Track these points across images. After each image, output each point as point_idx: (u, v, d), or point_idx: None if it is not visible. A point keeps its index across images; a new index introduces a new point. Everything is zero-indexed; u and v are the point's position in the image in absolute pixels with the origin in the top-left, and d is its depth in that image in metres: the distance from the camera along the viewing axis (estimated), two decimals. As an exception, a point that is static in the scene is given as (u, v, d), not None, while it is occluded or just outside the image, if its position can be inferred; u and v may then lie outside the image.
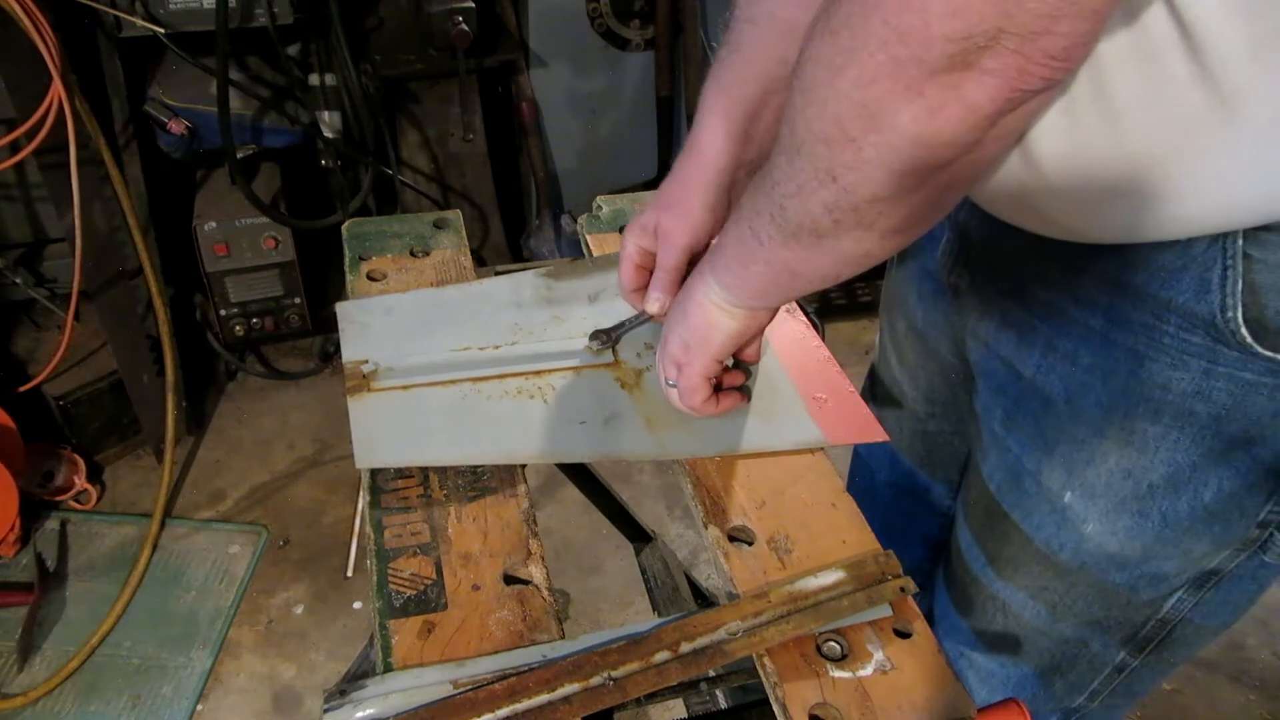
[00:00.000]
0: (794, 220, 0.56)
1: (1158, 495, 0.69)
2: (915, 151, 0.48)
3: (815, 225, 0.55)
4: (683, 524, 2.05)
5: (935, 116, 0.46)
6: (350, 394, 0.78)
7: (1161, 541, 0.71)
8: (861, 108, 0.48)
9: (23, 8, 1.42)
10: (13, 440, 1.78)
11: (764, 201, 0.59)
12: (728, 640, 0.61)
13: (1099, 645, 0.82)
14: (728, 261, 0.66)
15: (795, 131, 0.53)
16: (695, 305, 0.70)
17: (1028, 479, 0.77)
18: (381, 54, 2.04)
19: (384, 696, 0.57)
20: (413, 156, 2.27)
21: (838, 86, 0.48)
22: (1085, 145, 0.57)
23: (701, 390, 0.73)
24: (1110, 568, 0.75)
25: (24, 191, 1.91)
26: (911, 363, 0.98)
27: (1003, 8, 0.42)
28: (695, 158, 0.74)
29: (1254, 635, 1.87)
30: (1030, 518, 0.78)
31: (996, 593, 0.85)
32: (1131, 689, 0.86)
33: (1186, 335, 0.62)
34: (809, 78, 0.50)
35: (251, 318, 2.13)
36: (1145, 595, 0.76)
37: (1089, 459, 0.71)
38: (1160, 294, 0.62)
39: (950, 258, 0.81)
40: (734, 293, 0.67)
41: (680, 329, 0.72)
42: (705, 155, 0.73)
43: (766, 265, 0.62)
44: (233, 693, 1.72)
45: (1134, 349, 0.65)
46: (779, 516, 0.72)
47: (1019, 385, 0.75)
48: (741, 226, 0.63)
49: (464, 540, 0.69)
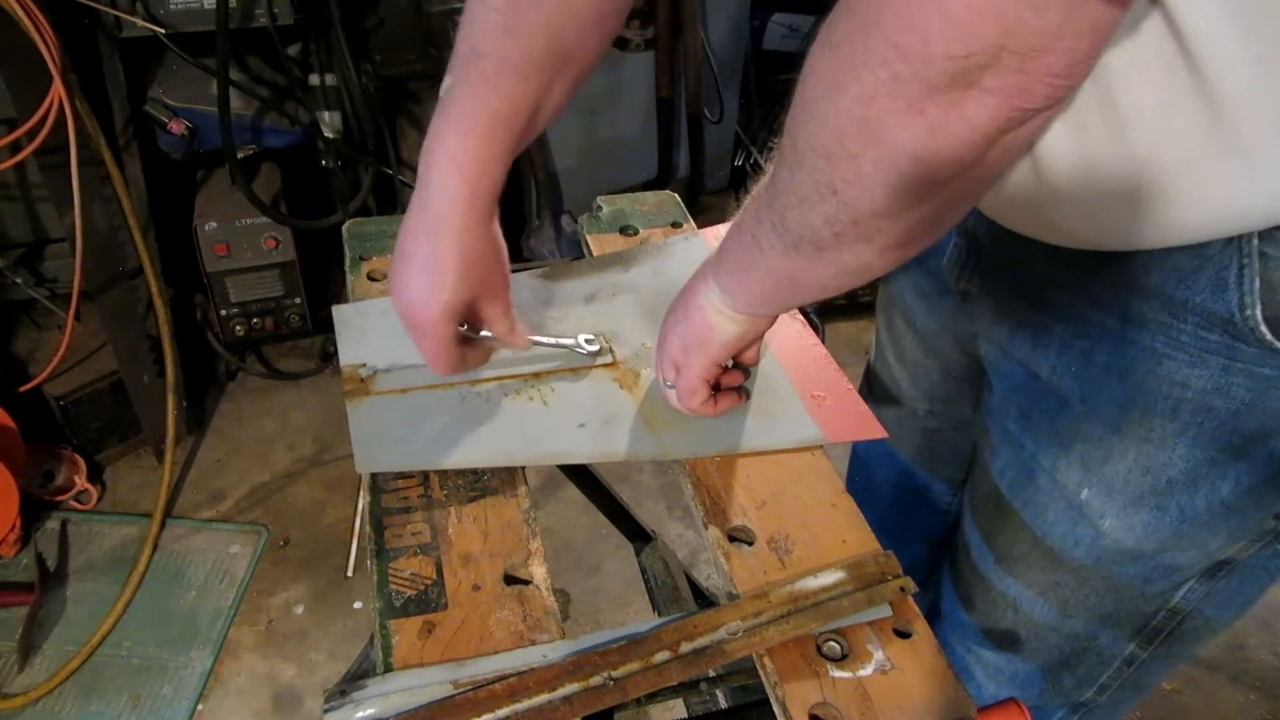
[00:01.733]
0: (795, 231, 0.56)
1: (1176, 490, 0.69)
2: (916, 169, 0.48)
3: (816, 237, 0.55)
4: (683, 524, 2.05)
5: (936, 134, 0.46)
6: (348, 398, 0.78)
7: (1178, 536, 0.71)
8: (862, 124, 0.47)
9: (23, 8, 1.42)
10: (13, 440, 1.78)
11: (765, 210, 0.59)
12: (728, 640, 0.61)
13: (1108, 639, 0.82)
14: (729, 266, 0.66)
15: (796, 145, 0.53)
16: (695, 309, 0.70)
17: (1042, 476, 0.77)
18: (381, 54, 2.04)
19: (384, 696, 0.58)
20: (413, 156, 2.27)
21: (838, 102, 0.48)
22: (1094, 156, 0.57)
23: (700, 392, 0.73)
24: (1125, 562, 0.75)
25: (24, 191, 1.91)
26: (911, 360, 0.98)
27: (1004, 26, 0.41)
28: (477, 200, 0.68)
29: (1254, 635, 1.87)
30: (1044, 515, 0.78)
31: (1005, 590, 0.85)
32: (1139, 682, 0.86)
33: (1204, 333, 0.62)
34: (810, 92, 0.50)
35: (252, 318, 2.13)
36: (1157, 587, 0.76)
37: (1107, 456, 0.71)
38: (1176, 294, 0.62)
39: (959, 264, 0.81)
40: (735, 298, 0.67)
41: (680, 331, 0.72)
42: (488, 196, 0.68)
43: (768, 273, 0.62)
44: (233, 693, 1.72)
45: (1151, 347, 0.65)
46: (779, 516, 0.72)
47: (1035, 385, 0.75)
48: (743, 233, 0.63)
49: (464, 540, 0.69)
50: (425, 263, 0.67)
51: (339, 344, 0.84)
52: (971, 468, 0.95)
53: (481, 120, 0.67)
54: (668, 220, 1.05)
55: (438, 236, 0.67)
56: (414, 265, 0.67)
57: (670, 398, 0.76)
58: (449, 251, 0.66)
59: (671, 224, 1.04)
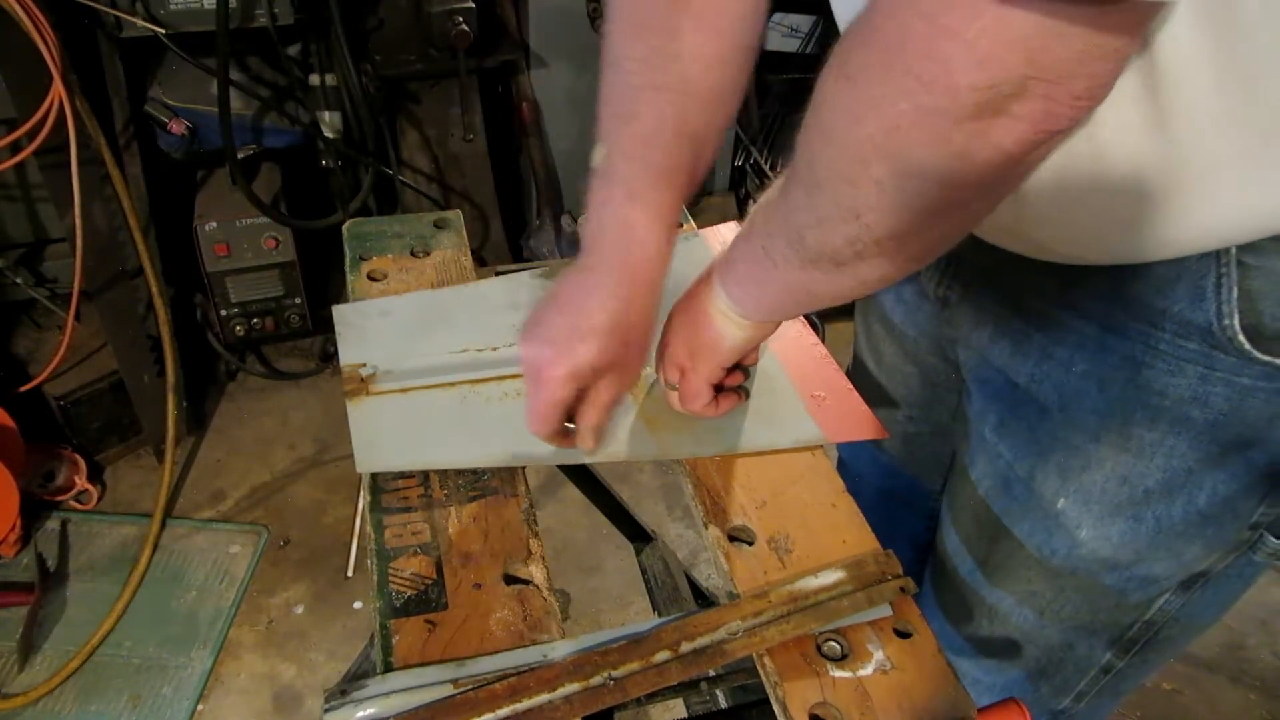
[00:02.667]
0: (814, 249, 0.56)
1: (1153, 500, 0.69)
2: (942, 192, 0.48)
3: (836, 255, 0.55)
4: (683, 524, 2.05)
5: (964, 160, 0.46)
6: (349, 398, 0.78)
7: (1154, 545, 0.71)
8: (886, 153, 0.47)
9: (23, 8, 1.42)
10: (13, 440, 1.78)
11: (779, 226, 0.58)
12: (728, 640, 0.61)
13: (1085, 648, 0.82)
14: (739, 278, 0.65)
15: (815, 170, 0.52)
16: (702, 314, 0.69)
17: (1018, 485, 0.77)
18: (381, 54, 2.04)
19: (385, 696, 0.58)
20: (413, 156, 2.27)
21: (860, 132, 0.48)
22: (1074, 177, 0.57)
23: (704, 395, 0.73)
24: (1102, 571, 0.75)
25: (24, 191, 1.91)
26: (890, 364, 0.98)
27: (1028, 56, 0.41)
28: (644, 270, 0.66)
29: (1254, 635, 1.87)
30: (1021, 523, 0.78)
31: (985, 598, 0.85)
32: (1117, 688, 0.86)
33: (1183, 342, 0.62)
34: (827, 121, 0.50)
35: (252, 318, 2.13)
36: (1135, 598, 0.76)
37: (1084, 465, 0.71)
38: (1155, 303, 0.62)
39: (939, 272, 0.81)
40: (745, 307, 0.67)
41: (685, 335, 0.71)
42: (654, 269, 0.67)
43: (784, 286, 0.62)
44: (233, 693, 1.72)
45: (1130, 356, 0.65)
46: (779, 516, 0.72)
47: (1014, 393, 0.75)
48: (753, 245, 0.62)
49: (464, 540, 0.69)
50: (573, 315, 0.64)
51: (339, 343, 0.84)
52: (950, 473, 0.94)
53: (648, 188, 0.66)
54: (668, 220, 1.05)
55: (591, 294, 0.64)
56: (565, 313, 0.65)
57: (672, 399, 0.76)
58: (598, 313, 0.64)
59: (671, 224, 1.04)
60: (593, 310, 0.64)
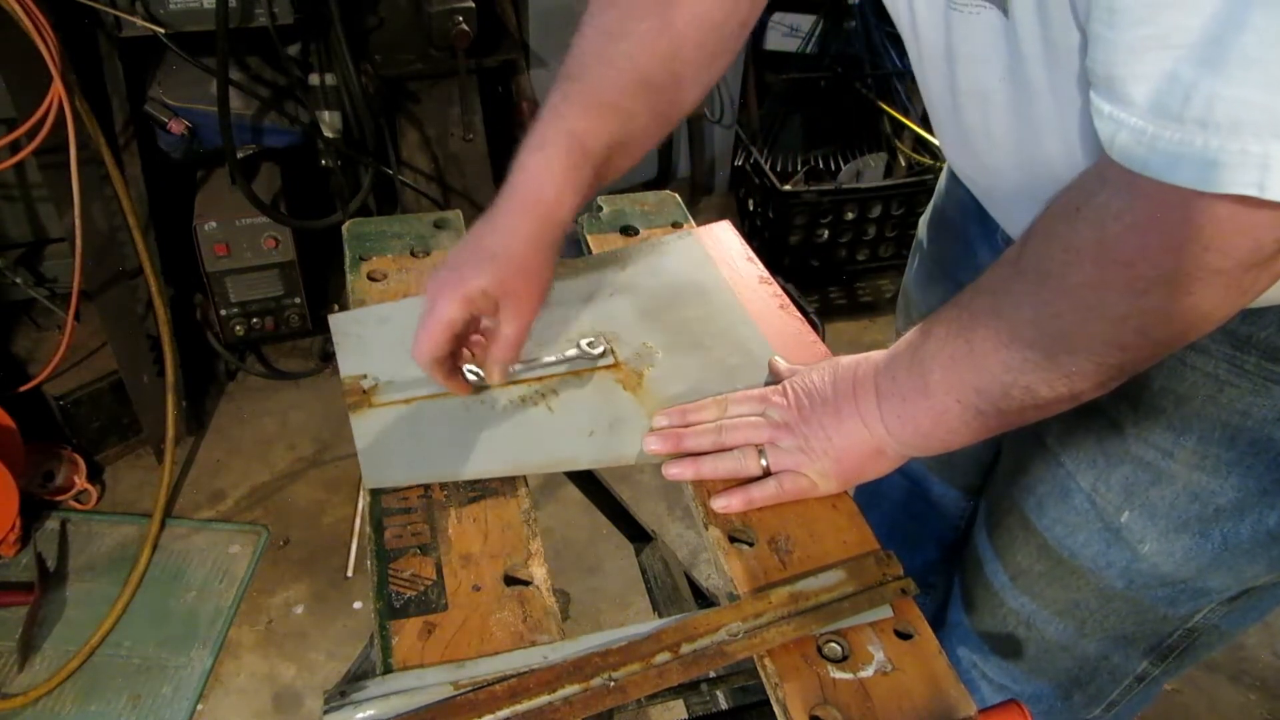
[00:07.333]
0: (1018, 404, 0.58)
1: (1223, 518, 0.69)
2: (1209, 326, 0.51)
3: (1046, 408, 0.58)
4: (683, 524, 2.05)
5: (1245, 294, 0.48)
6: (352, 410, 0.77)
7: (1217, 563, 0.71)
8: (1168, 317, 0.50)
9: (23, 8, 1.42)
10: (13, 440, 1.78)
11: (987, 381, 0.59)
12: (728, 641, 0.61)
13: (1121, 658, 0.81)
14: (917, 425, 0.64)
15: (1074, 346, 0.54)
16: (853, 439, 0.68)
17: (1079, 496, 0.76)
18: (381, 54, 2.04)
19: (384, 697, 0.57)
20: (413, 156, 2.27)
21: (1144, 303, 0.50)
22: None
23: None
24: (1156, 586, 0.74)
25: (24, 191, 1.90)
26: None
27: None
28: (538, 208, 0.71)
29: (1254, 635, 1.87)
30: (1074, 535, 0.77)
31: (1018, 608, 0.84)
32: (1146, 694, 0.86)
33: (1269, 365, 0.62)
34: (1090, 300, 0.52)
35: (252, 318, 2.12)
36: (1182, 610, 0.76)
37: (1154, 480, 0.71)
38: (1240, 330, 0.63)
39: None
40: (916, 450, 0.67)
41: (818, 448, 0.69)
42: (550, 207, 0.71)
43: (970, 435, 0.63)
44: (233, 693, 1.72)
45: (1213, 374, 0.65)
46: (779, 517, 0.72)
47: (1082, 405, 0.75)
48: (948, 399, 0.62)
49: (464, 541, 0.69)
50: (471, 249, 0.69)
51: (338, 354, 0.83)
52: (990, 478, 0.94)
53: (558, 137, 0.71)
54: (668, 220, 1.05)
55: (489, 231, 0.70)
56: (464, 249, 0.70)
57: (725, 497, 0.71)
58: (493, 243, 0.69)
59: (671, 224, 1.04)
60: (486, 242, 0.70)
